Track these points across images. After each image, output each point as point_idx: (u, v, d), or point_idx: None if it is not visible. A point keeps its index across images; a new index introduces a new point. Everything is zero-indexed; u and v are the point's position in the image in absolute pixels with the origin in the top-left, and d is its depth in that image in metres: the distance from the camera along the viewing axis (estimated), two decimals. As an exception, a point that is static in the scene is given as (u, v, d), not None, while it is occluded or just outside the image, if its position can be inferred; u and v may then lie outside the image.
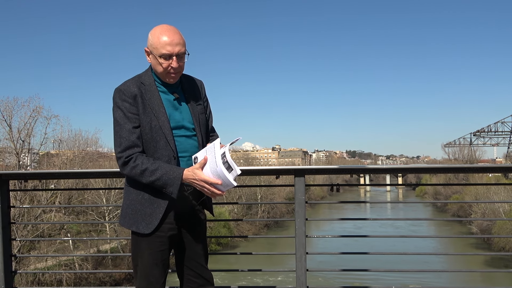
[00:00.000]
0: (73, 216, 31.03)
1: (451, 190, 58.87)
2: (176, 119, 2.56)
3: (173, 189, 2.42)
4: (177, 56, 2.47)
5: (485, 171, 5.01)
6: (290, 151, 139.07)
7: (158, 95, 2.53)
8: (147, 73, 2.58)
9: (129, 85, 2.52)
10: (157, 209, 2.50)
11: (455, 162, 73.52)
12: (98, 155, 40.87)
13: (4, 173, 3.84)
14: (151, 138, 2.49)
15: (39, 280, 24.03)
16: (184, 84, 2.66)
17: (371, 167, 4.09)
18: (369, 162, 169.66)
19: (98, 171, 4.14)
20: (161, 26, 2.50)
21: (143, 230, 2.51)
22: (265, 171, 4.10)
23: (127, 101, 2.48)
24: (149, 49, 2.51)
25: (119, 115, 2.48)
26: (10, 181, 3.91)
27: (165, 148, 2.50)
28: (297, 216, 3.57)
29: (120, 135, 2.47)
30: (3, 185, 3.79)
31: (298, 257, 3.56)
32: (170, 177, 2.41)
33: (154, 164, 2.43)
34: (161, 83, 2.57)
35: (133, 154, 2.46)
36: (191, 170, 2.42)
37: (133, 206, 2.55)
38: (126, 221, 2.57)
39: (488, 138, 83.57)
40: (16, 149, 29.23)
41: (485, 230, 38.39)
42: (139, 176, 2.45)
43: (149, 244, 2.54)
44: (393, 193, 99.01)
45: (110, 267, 28.23)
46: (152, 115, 2.49)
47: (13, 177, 4.34)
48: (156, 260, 2.55)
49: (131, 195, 2.56)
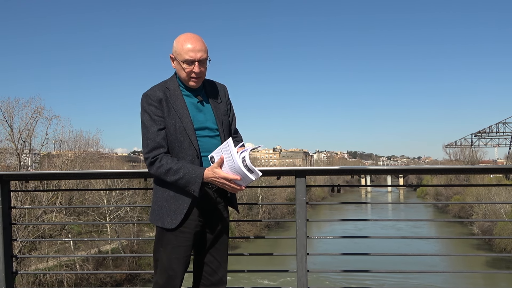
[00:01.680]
0: (74, 216, 31.05)
1: (452, 191, 58.79)
2: (199, 120, 2.71)
3: (195, 187, 2.55)
4: (199, 61, 2.64)
5: (486, 172, 5.01)
6: (291, 151, 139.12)
7: (182, 99, 2.70)
8: (172, 79, 2.76)
9: (155, 90, 2.69)
10: (182, 205, 2.63)
11: (456, 163, 73.43)
12: (99, 155, 40.84)
13: (5, 173, 3.84)
14: (175, 139, 2.65)
15: (40, 280, 24.05)
16: (207, 88, 2.82)
17: (372, 168, 4.09)
18: (370, 162, 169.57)
19: (99, 172, 4.15)
20: (185, 34, 2.68)
21: (168, 225, 2.64)
22: (266, 172, 4.09)
23: (153, 105, 2.65)
24: (174, 55, 2.69)
25: (146, 118, 2.65)
26: (11, 182, 3.92)
27: (189, 148, 2.65)
28: (298, 217, 3.58)
29: (147, 137, 2.64)
30: (4, 185, 3.80)
31: (299, 258, 3.57)
32: (192, 176, 2.55)
33: (178, 164, 2.58)
34: (185, 87, 2.74)
35: (158, 155, 2.61)
36: (211, 170, 2.55)
37: (159, 203, 2.69)
38: (153, 217, 2.71)
39: (489, 139, 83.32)
40: (17, 150, 29.25)
41: (486, 231, 38.33)
42: (164, 175, 2.60)
43: (173, 239, 2.65)
44: (394, 194, 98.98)
45: (111, 268, 28.22)
46: (177, 117, 2.65)
47: (14, 178, 4.34)
48: (178, 254, 2.66)
49: (158, 193, 2.71)
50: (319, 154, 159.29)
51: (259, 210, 46.53)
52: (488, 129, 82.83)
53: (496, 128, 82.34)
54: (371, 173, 4.05)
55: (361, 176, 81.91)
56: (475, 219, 36.97)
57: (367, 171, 4.04)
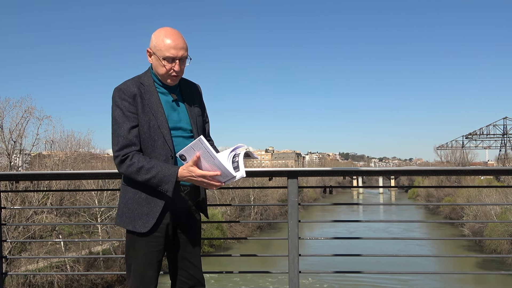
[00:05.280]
0: (65, 217, 30.80)
1: (443, 193, 59.20)
2: (174, 119, 2.60)
3: (168, 186, 2.44)
4: (180, 59, 2.52)
5: (477, 174, 5.04)
6: (283, 153, 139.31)
7: (157, 96, 2.57)
8: (146, 74, 2.63)
9: (129, 84, 2.56)
10: (154, 208, 2.52)
11: (447, 164, 73.92)
12: (90, 156, 40.63)
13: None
14: (149, 137, 2.52)
15: (30, 282, 23.86)
16: (182, 86, 2.70)
17: (364, 169, 4.11)
18: (362, 164, 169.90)
19: (90, 172, 4.14)
20: (165, 29, 2.55)
21: (140, 229, 2.53)
22: (258, 173, 4.08)
23: (126, 100, 2.51)
24: (152, 51, 2.55)
25: (118, 114, 2.51)
26: (1, 182, 3.90)
27: (162, 147, 2.53)
28: (290, 218, 3.58)
29: (117, 134, 2.50)
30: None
31: (291, 259, 3.57)
32: (166, 174, 2.43)
33: (150, 162, 2.46)
34: (160, 84, 2.61)
35: (129, 153, 2.48)
36: (186, 168, 2.43)
37: (130, 205, 2.56)
38: (123, 220, 2.58)
39: (480, 141, 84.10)
40: (8, 150, 29.01)
41: (477, 232, 38.57)
42: (135, 174, 2.47)
43: (145, 244, 2.55)
44: (386, 195, 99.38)
45: (102, 269, 28.06)
46: (151, 114, 2.53)
47: (4, 178, 4.31)
48: (151, 260, 2.57)
49: (128, 194, 2.58)
50: (311, 156, 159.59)
51: (251, 211, 46.54)
52: (479, 131, 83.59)
53: (486, 130, 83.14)
54: (363, 174, 4.07)
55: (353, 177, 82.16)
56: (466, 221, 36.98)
57: (359, 172, 4.06)
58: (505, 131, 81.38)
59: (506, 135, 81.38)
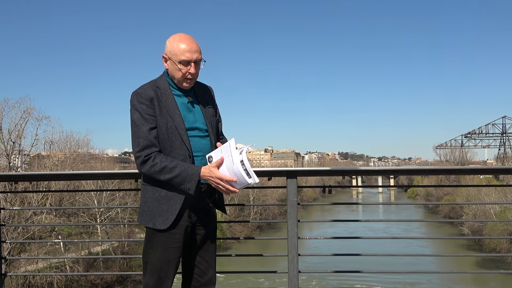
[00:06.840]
0: (64, 218, 30.79)
1: (443, 192, 59.19)
2: (190, 120, 2.70)
3: (191, 185, 2.54)
4: (195, 62, 2.64)
5: (476, 173, 5.05)
6: (282, 152, 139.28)
7: (173, 98, 2.69)
8: (162, 78, 2.74)
9: (146, 88, 2.67)
10: (174, 206, 2.61)
11: (446, 163, 73.86)
12: (89, 156, 40.63)
13: (-6, 174, 3.81)
14: (167, 138, 2.63)
15: (30, 282, 23.83)
16: (196, 89, 2.81)
17: (363, 169, 4.10)
18: (361, 163, 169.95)
19: (89, 173, 4.14)
20: (179, 35, 2.67)
21: (159, 226, 2.61)
22: (257, 173, 4.08)
23: (144, 103, 2.62)
24: (168, 56, 2.66)
25: (137, 117, 2.62)
26: (1, 183, 3.90)
27: (180, 147, 2.64)
28: (289, 218, 3.58)
29: (138, 136, 2.60)
30: (-7, 186, 3.77)
31: (290, 258, 3.57)
32: (189, 173, 2.54)
33: (173, 162, 2.57)
34: (175, 87, 2.73)
35: (151, 153, 2.58)
36: (207, 168, 2.56)
37: (149, 203, 2.66)
38: (144, 219, 2.67)
39: (479, 140, 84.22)
40: (7, 151, 28.99)
41: (476, 231, 38.61)
42: (158, 174, 2.57)
43: (164, 240, 2.63)
44: (385, 194, 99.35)
45: (102, 270, 28.06)
46: (168, 116, 2.64)
47: (3, 179, 4.32)
48: (169, 256, 2.65)
49: (147, 193, 2.67)
50: (310, 155, 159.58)
51: (250, 211, 46.51)
52: (478, 130, 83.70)
53: (486, 129, 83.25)
54: (362, 174, 4.06)
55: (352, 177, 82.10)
56: (465, 220, 37.22)
57: (358, 171, 4.06)
58: (504, 130, 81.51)
59: (505, 134, 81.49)
